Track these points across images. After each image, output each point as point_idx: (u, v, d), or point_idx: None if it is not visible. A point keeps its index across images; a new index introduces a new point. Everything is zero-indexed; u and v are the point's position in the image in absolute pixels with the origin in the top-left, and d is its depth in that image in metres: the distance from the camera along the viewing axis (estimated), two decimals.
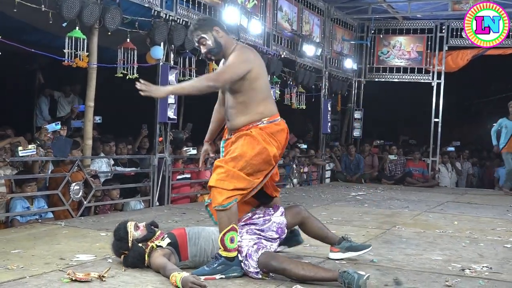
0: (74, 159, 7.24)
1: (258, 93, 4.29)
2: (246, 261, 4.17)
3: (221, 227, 4.16)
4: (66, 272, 4.02)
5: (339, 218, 7.42)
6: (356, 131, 15.27)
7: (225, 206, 4.12)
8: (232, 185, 4.15)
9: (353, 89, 15.28)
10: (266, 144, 4.28)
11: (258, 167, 4.26)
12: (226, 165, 4.20)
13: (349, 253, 4.77)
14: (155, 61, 8.26)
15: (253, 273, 4.14)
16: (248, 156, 4.21)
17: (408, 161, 14.04)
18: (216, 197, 4.15)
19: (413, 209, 8.76)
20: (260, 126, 4.31)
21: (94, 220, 6.80)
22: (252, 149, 4.23)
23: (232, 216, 4.16)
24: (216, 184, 4.15)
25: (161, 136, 8.47)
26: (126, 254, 4.33)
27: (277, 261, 4.08)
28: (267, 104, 4.36)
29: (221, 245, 4.15)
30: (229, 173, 4.17)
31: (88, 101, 7.59)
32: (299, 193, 10.78)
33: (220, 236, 4.16)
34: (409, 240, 6.00)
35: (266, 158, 4.28)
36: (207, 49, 4.36)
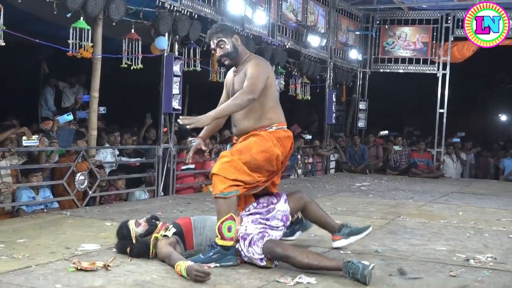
0: (79, 149, 7.26)
1: (268, 100, 4.43)
2: (250, 247, 4.19)
3: (220, 215, 4.18)
4: (72, 261, 4.05)
5: (344, 209, 7.43)
6: (361, 122, 15.25)
7: (226, 195, 4.14)
8: (234, 175, 4.18)
9: (358, 80, 15.24)
10: (273, 145, 4.37)
11: (261, 164, 4.31)
12: (231, 156, 4.25)
13: (352, 238, 4.81)
14: (159, 52, 8.25)
15: (257, 260, 4.16)
16: (253, 151, 4.28)
17: (413, 151, 14.02)
18: (217, 185, 4.17)
19: (418, 199, 8.76)
20: (269, 131, 4.43)
21: (99, 210, 6.82)
22: (259, 146, 4.32)
23: (231, 205, 4.19)
24: (218, 172, 4.18)
25: (166, 127, 8.48)
26: (131, 247, 4.34)
27: (282, 248, 4.10)
28: (276, 111, 4.50)
29: (218, 233, 4.17)
30: (232, 164, 4.21)
31: (93, 92, 7.60)
32: (303, 183, 10.79)
33: (218, 224, 4.18)
34: (413, 230, 6.00)
35: (270, 157, 4.35)
36: (225, 53, 4.48)
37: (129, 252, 4.33)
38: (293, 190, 4.95)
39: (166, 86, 8.26)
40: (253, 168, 4.28)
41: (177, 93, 8.33)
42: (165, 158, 8.46)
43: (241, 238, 4.27)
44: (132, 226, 4.41)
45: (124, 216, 6.09)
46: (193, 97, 12.30)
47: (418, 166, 13.55)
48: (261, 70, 4.36)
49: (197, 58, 8.98)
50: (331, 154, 13.98)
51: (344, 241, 4.81)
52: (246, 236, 4.26)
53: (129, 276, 3.88)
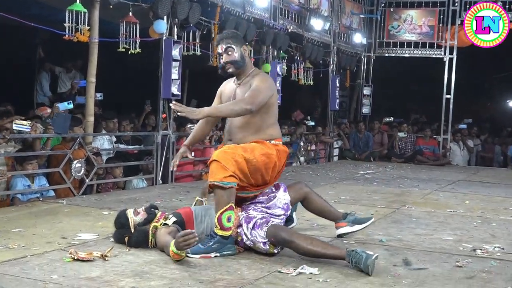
0: (76, 136, 7.25)
1: (270, 117, 4.51)
2: (253, 230, 4.22)
3: (219, 206, 4.18)
4: (68, 251, 4.05)
5: (347, 197, 7.43)
6: (365, 108, 15.22)
7: (225, 184, 4.14)
8: (234, 168, 4.18)
9: (362, 65, 15.20)
10: (273, 153, 4.43)
11: (259, 167, 4.33)
12: (235, 149, 4.26)
13: (356, 226, 4.86)
14: (158, 36, 8.22)
15: (260, 243, 4.19)
16: (256, 153, 4.32)
17: (419, 138, 14.00)
18: (216, 172, 4.16)
19: (424, 188, 8.76)
20: (270, 142, 4.48)
21: (96, 199, 6.83)
22: (261, 149, 4.37)
23: (231, 196, 4.20)
24: (220, 159, 4.17)
25: (165, 113, 8.46)
26: (129, 236, 4.35)
27: (287, 233, 4.14)
28: (276, 128, 4.58)
29: (218, 223, 4.18)
30: (235, 156, 4.21)
31: (90, 77, 7.58)
32: (306, 171, 10.79)
33: (217, 215, 4.18)
34: (419, 219, 6.01)
35: (269, 163, 4.39)
36: (232, 60, 4.50)
37: (127, 241, 4.34)
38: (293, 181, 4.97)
39: (164, 71, 8.24)
40: (252, 169, 4.29)
41: (176, 78, 8.30)
42: (164, 145, 8.45)
43: (244, 221, 4.29)
44: (131, 215, 4.41)
45: (122, 205, 6.10)
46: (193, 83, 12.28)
47: (423, 154, 13.54)
48: (267, 86, 4.42)
49: (196, 42, 8.94)
50: (335, 141, 13.97)
51: (349, 228, 4.86)
52: (249, 220, 4.28)
53: (127, 266, 3.89)
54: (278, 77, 10.97)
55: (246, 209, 4.41)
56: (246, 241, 4.27)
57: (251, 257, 4.21)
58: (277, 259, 4.18)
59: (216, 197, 4.21)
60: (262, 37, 10.49)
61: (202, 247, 4.18)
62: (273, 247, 4.20)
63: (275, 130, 4.55)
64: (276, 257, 4.23)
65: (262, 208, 4.43)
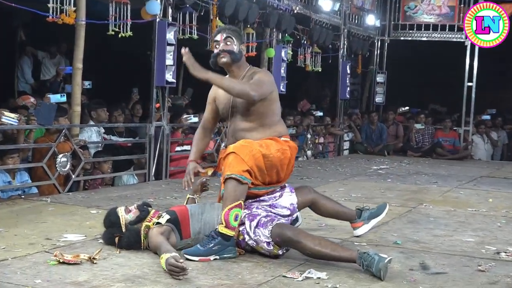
0: (61, 127, 7.26)
1: (275, 115, 4.64)
2: (257, 229, 4.24)
3: (228, 200, 4.22)
4: (53, 254, 4.05)
5: (359, 195, 7.44)
6: (378, 97, 15.21)
7: (242, 178, 4.20)
8: (251, 162, 4.25)
9: (375, 49, 15.19)
10: (287, 149, 4.54)
11: (275, 163, 4.43)
12: (252, 144, 4.34)
13: (373, 221, 4.96)
14: (151, 17, 8.21)
15: (263, 243, 4.21)
16: (272, 149, 4.41)
17: (438, 130, 13.99)
18: (234, 165, 4.22)
19: (443, 184, 8.76)
20: (280, 139, 4.58)
21: (83, 196, 6.84)
22: (276, 145, 4.47)
23: (243, 193, 4.26)
24: (239, 152, 4.24)
25: (158, 102, 8.47)
26: (120, 236, 4.36)
27: (293, 232, 4.16)
28: (282, 124, 4.73)
29: (224, 220, 4.19)
30: (252, 151, 4.29)
31: (76, 63, 7.58)
32: (313, 166, 10.80)
33: (225, 210, 4.20)
34: (437, 219, 6.02)
35: (284, 160, 4.49)
36: (228, 49, 4.57)
37: (117, 242, 4.35)
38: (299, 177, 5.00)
39: (158, 56, 8.23)
40: (268, 165, 4.38)
41: (171, 64, 8.30)
42: (157, 137, 8.46)
43: (247, 218, 4.32)
44: (122, 213, 4.42)
45: (112, 203, 6.11)
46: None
47: (443, 147, 13.54)
48: (270, 80, 4.57)
49: (193, 24, 8.94)
50: (345, 133, 13.97)
51: (366, 227, 4.94)
52: (253, 217, 4.31)
53: (118, 270, 3.90)
54: (283, 63, 10.97)
55: (249, 207, 4.43)
56: (248, 240, 4.29)
57: (253, 260, 4.23)
58: (282, 262, 4.19)
59: (227, 191, 4.24)
60: (265, 18, 10.48)
61: (201, 249, 4.19)
62: (278, 248, 4.22)
63: (282, 127, 4.69)
64: (280, 260, 4.24)
65: (266, 207, 4.47)
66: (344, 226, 5.14)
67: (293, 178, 8.10)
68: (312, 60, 12.52)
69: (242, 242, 4.34)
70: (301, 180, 8.53)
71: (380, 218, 5.01)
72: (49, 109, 7.10)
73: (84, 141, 7.70)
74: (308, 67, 12.45)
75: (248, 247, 4.34)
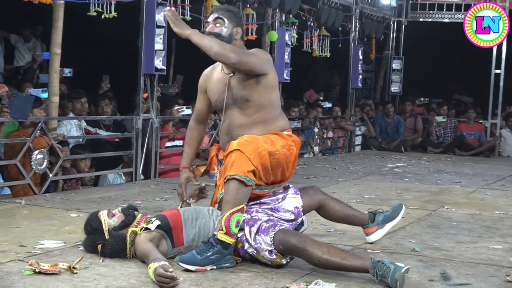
0: (37, 120, 7.25)
1: (275, 107, 4.67)
2: (258, 235, 4.24)
3: (229, 204, 4.21)
4: (28, 263, 4.05)
5: (372, 196, 7.44)
6: (394, 86, 15.20)
7: (247, 180, 4.20)
8: (257, 161, 4.24)
9: (391, 32, 15.17)
10: (293, 143, 4.55)
11: (281, 161, 4.43)
12: (258, 141, 4.33)
13: (388, 225, 4.95)
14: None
15: (265, 251, 4.20)
16: (278, 145, 4.42)
17: (461, 123, 13.99)
18: (238, 164, 4.19)
19: (467, 184, 8.77)
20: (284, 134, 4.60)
21: (62, 198, 6.84)
22: (281, 141, 4.48)
23: (247, 195, 4.27)
24: (244, 150, 4.21)
25: (146, 92, 8.46)
26: (103, 243, 4.36)
27: (298, 238, 4.15)
28: (283, 118, 4.74)
29: (225, 226, 4.18)
30: (258, 148, 4.28)
31: (54, 47, 7.56)
32: (321, 164, 10.80)
33: (226, 215, 4.19)
34: (460, 224, 6.02)
35: (290, 157, 4.51)
36: (215, 32, 4.58)
37: (100, 250, 4.35)
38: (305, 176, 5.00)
39: (146, 40, 8.23)
40: (274, 163, 4.39)
41: (161, 49, 8.30)
42: (145, 131, 8.46)
43: (247, 224, 4.31)
44: (104, 217, 4.42)
45: (94, 206, 6.12)
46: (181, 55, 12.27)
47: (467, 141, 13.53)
48: (263, 56, 4.58)
49: (186, 4, 8.93)
50: (357, 127, 13.97)
51: (380, 232, 4.94)
52: (253, 222, 4.30)
53: (101, 280, 3.90)
54: (287, 47, 10.96)
55: (248, 211, 4.42)
56: (248, 248, 4.28)
57: (253, 269, 4.22)
58: (285, 272, 4.19)
59: (228, 193, 4.23)
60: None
61: (198, 257, 4.18)
62: (281, 257, 4.22)
63: (283, 120, 4.71)
64: (284, 269, 4.24)
65: (267, 211, 4.46)
66: (356, 231, 5.14)
67: (298, 177, 8.13)
68: (319, 44, 12.51)
69: (241, 250, 4.34)
70: (307, 179, 8.53)
71: (395, 221, 5.01)
72: (25, 101, 7.07)
73: (62, 136, 7.70)
74: (315, 52, 12.44)
75: (247, 255, 4.34)
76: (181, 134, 9.34)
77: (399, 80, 15.18)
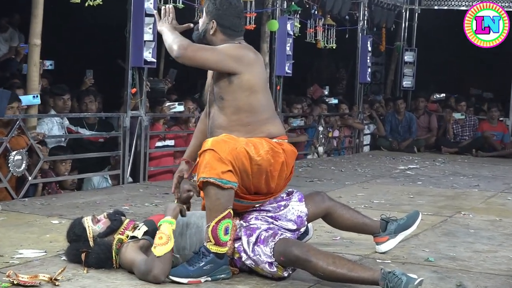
0: (14, 117, 7.25)
1: (258, 112, 4.49)
2: (256, 246, 4.23)
3: (213, 212, 4.17)
4: (6, 274, 4.06)
5: (382, 201, 7.45)
6: (406, 80, 15.21)
7: (223, 183, 4.12)
8: (234, 161, 4.16)
9: (402, 21, 15.18)
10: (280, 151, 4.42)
11: (264, 168, 4.32)
12: (237, 140, 4.26)
13: (400, 235, 4.93)
14: None
15: (265, 264, 4.19)
16: (261, 149, 4.31)
17: (482, 122, 13.95)
18: (210, 165, 4.13)
19: (486, 188, 8.79)
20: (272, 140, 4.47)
21: (42, 203, 6.85)
22: (266, 145, 4.36)
23: (229, 199, 4.20)
24: (215, 148, 4.15)
25: (135, 87, 8.46)
26: (87, 252, 4.36)
27: (301, 249, 4.14)
28: (275, 123, 4.60)
29: (212, 236, 4.17)
30: (236, 147, 4.20)
31: (33, 38, 7.56)
32: (326, 166, 10.81)
33: (211, 225, 4.17)
34: (479, 231, 6.03)
35: (275, 165, 4.37)
36: (195, 26, 4.68)
37: (84, 259, 4.35)
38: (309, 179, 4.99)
39: (135, 30, 8.23)
40: (255, 170, 4.28)
41: (151, 40, 8.30)
42: (133, 130, 8.45)
43: (244, 233, 4.31)
44: (88, 223, 4.42)
45: (77, 212, 6.12)
46: None
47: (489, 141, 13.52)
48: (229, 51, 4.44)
49: None
50: (365, 126, 13.98)
51: (392, 242, 4.92)
52: (251, 232, 4.30)
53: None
54: (289, 38, 10.96)
55: (246, 218, 4.41)
56: (245, 260, 4.28)
57: (251, 281, 4.23)
58: (287, 285, 4.20)
59: (208, 200, 4.20)
60: None
61: (190, 269, 4.18)
62: (282, 269, 4.21)
63: (274, 126, 4.57)
64: (285, 282, 4.25)
65: (267, 218, 4.44)
66: (364, 239, 5.15)
67: (301, 180, 8.14)
68: (324, 34, 12.51)
69: (238, 261, 4.34)
70: (311, 182, 8.54)
71: (410, 231, 4.98)
72: (0, 98, 7.08)
73: (43, 135, 7.70)
74: (320, 43, 12.44)
75: (245, 266, 4.34)
76: (172, 133, 9.35)
77: (412, 74, 15.19)
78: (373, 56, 14.24)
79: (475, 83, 17.25)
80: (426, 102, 14.53)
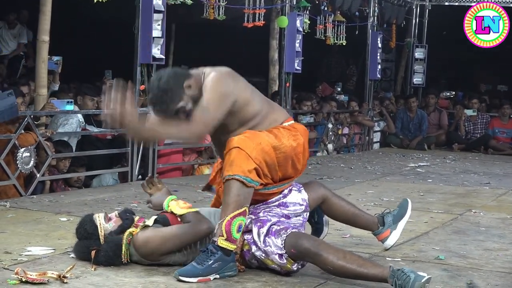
0: (23, 114, 7.26)
1: (261, 109, 4.49)
2: (268, 237, 4.26)
3: (229, 206, 4.20)
4: (14, 271, 4.07)
5: (392, 199, 7.44)
6: (417, 77, 15.17)
7: (248, 181, 4.18)
8: (260, 158, 4.22)
9: (413, 17, 15.14)
10: (299, 133, 4.50)
11: (290, 154, 4.39)
12: (260, 135, 4.31)
13: (400, 224, 4.98)
14: None
15: (275, 255, 4.22)
16: (283, 137, 4.39)
17: (494, 119, 13.90)
18: (238, 162, 4.18)
19: (497, 186, 8.78)
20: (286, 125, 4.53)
21: (50, 200, 6.86)
22: (284, 132, 4.44)
23: (248, 198, 4.25)
24: (243, 147, 4.19)
25: (143, 84, 8.47)
26: (97, 250, 4.37)
27: (312, 242, 4.18)
28: (276, 110, 4.64)
29: (226, 231, 4.19)
30: (261, 143, 4.25)
31: (41, 34, 7.58)
32: (336, 163, 10.80)
33: (226, 219, 4.19)
34: (490, 229, 6.03)
35: (297, 148, 4.45)
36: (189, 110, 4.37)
37: (94, 257, 4.37)
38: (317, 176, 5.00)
39: (143, 26, 8.24)
40: (281, 158, 4.36)
41: (159, 37, 8.31)
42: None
43: (255, 225, 4.34)
44: (101, 221, 4.43)
45: (86, 209, 6.13)
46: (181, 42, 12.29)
47: (498, 139, 13.50)
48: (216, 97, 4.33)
49: None
50: (375, 123, 13.96)
51: (396, 233, 4.96)
52: (262, 223, 4.33)
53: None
54: (298, 34, 10.95)
55: (254, 212, 4.44)
56: (256, 251, 4.31)
57: (260, 279, 4.25)
58: (296, 281, 4.21)
59: (228, 194, 4.22)
60: None
61: (199, 267, 4.19)
62: (292, 262, 4.23)
63: (277, 113, 4.61)
64: (295, 278, 4.27)
65: (275, 209, 4.49)
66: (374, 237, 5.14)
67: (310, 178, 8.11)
68: (334, 31, 12.49)
69: (247, 254, 4.36)
70: (320, 180, 8.51)
71: (406, 217, 5.01)
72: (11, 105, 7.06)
73: (51, 132, 7.71)
74: (330, 39, 12.43)
75: (254, 260, 4.36)
76: None
77: (422, 71, 15.13)
78: (383, 53, 14.20)
79: (487, 79, 17.20)
80: (437, 99, 14.49)
